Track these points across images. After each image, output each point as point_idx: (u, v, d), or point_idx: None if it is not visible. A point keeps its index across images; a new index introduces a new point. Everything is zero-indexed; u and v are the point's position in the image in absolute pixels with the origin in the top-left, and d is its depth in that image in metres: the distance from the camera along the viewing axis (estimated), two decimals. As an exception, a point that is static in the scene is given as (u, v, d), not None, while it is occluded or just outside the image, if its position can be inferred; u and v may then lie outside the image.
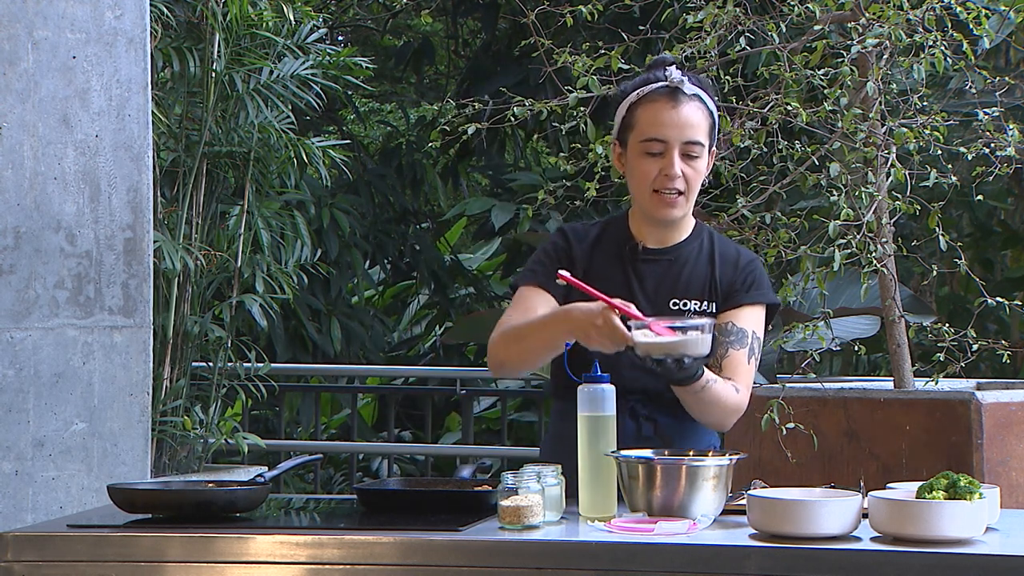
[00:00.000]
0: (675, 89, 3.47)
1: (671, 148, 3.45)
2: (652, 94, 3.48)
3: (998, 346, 5.23)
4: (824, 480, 4.51)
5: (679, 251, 3.53)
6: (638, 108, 3.49)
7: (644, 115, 3.48)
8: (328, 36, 8.36)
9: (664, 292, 3.50)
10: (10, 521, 4.89)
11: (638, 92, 3.50)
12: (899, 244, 5.32)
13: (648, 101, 3.48)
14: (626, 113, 3.52)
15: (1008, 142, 5.17)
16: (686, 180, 3.45)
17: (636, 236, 3.55)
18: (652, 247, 3.53)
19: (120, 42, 5.21)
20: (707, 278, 3.52)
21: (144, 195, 5.26)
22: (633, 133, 3.50)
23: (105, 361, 5.16)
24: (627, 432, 3.39)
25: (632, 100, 3.50)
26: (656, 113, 3.47)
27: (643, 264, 3.52)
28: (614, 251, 3.54)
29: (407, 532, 2.98)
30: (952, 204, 8.72)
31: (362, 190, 10.48)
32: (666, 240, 3.54)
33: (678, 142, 3.45)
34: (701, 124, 3.47)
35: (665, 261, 3.52)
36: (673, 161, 3.44)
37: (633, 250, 3.53)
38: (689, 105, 3.47)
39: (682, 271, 3.52)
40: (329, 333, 9.71)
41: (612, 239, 3.56)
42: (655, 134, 3.46)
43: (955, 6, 5.19)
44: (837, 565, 2.82)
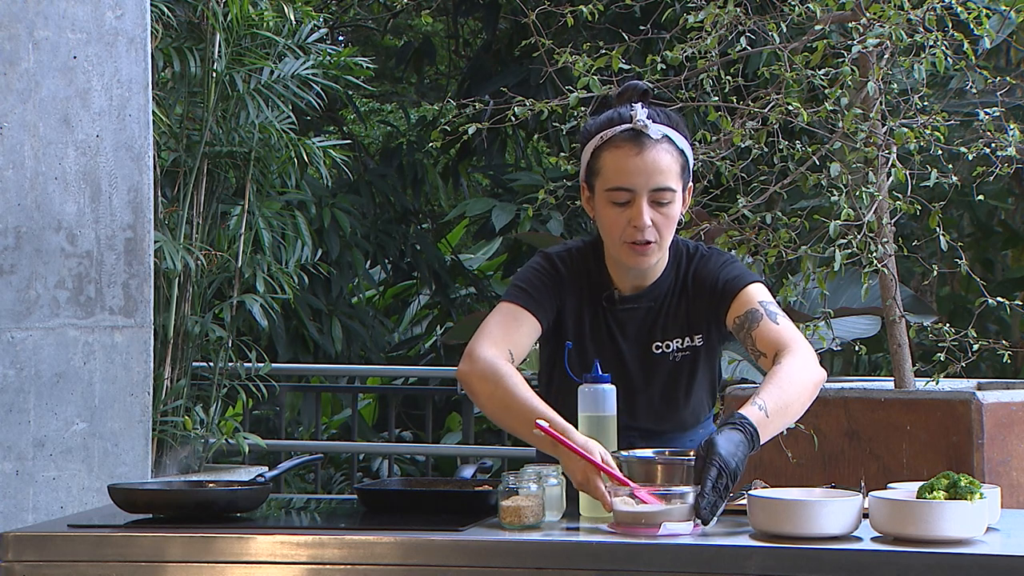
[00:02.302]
0: (639, 133, 3.27)
1: (639, 197, 3.26)
2: (616, 139, 3.29)
3: (999, 346, 5.23)
4: (825, 480, 4.51)
5: (654, 292, 3.40)
6: (603, 153, 3.30)
7: (608, 162, 3.29)
8: (329, 36, 8.36)
9: (644, 338, 3.39)
10: (11, 521, 4.89)
11: (601, 136, 3.30)
12: (900, 244, 5.32)
13: (612, 146, 3.29)
14: (590, 158, 3.33)
15: (1009, 142, 5.17)
16: (656, 228, 3.29)
17: (612, 281, 3.40)
18: (628, 295, 3.40)
19: (121, 42, 5.21)
20: (685, 314, 3.40)
21: (145, 195, 5.26)
22: (599, 180, 3.31)
23: (106, 361, 5.16)
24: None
25: (596, 144, 3.31)
26: (621, 160, 3.27)
27: (622, 312, 3.39)
28: (592, 296, 3.40)
29: (408, 532, 2.98)
30: (953, 204, 8.73)
31: (363, 190, 10.48)
32: (642, 283, 3.40)
33: (645, 190, 3.27)
34: (670, 168, 3.29)
35: (643, 307, 3.39)
36: (641, 211, 3.26)
37: (609, 299, 3.40)
38: (655, 149, 3.28)
39: (659, 313, 3.39)
40: (330, 333, 9.71)
41: (589, 282, 3.40)
42: (620, 183, 3.27)
43: (956, 6, 5.19)
44: (838, 565, 2.82)
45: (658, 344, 3.40)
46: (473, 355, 3.31)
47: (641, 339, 3.40)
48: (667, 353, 3.40)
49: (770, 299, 3.40)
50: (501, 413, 3.27)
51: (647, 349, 3.40)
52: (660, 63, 5.38)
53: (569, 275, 3.40)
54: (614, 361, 3.37)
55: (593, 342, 3.39)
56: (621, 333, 3.40)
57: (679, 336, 3.40)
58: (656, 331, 3.40)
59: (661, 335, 3.40)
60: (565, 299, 3.40)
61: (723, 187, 5.53)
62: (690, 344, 3.41)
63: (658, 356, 3.40)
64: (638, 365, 3.40)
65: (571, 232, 9.62)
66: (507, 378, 3.25)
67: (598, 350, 3.39)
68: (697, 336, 3.41)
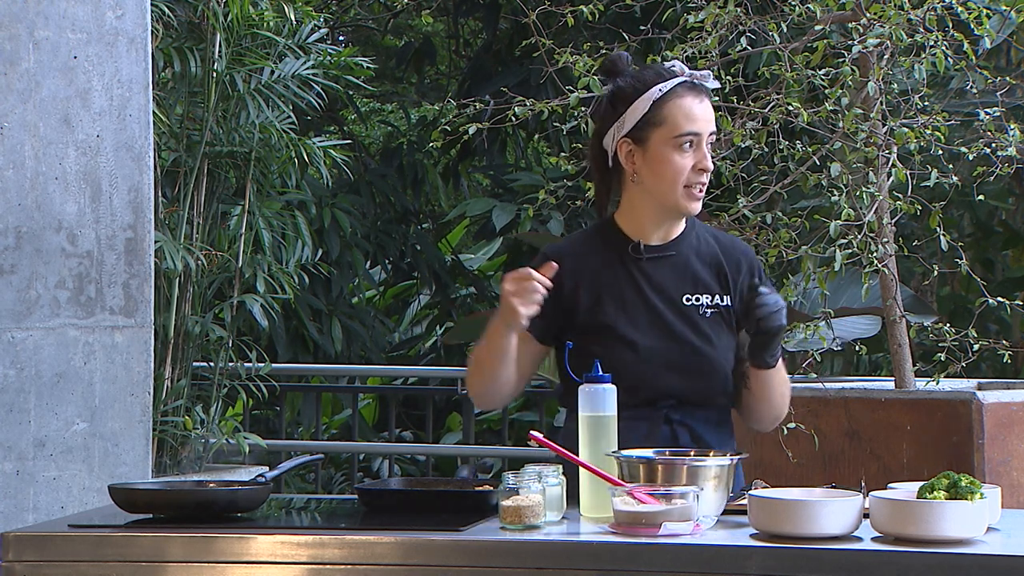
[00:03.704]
0: (698, 84, 3.44)
1: (702, 141, 3.42)
2: (678, 89, 3.42)
3: (999, 346, 5.23)
4: (825, 480, 4.51)
5: (680, 245, 3.48)
6: (665, 104, 3.41)
7: (676, 110, 3.41)
8: (329, 36, 8.35)
9: (674, 289, 3.44)
10: (11, 521, 4.89)
11: (659, 87, 3.42)
12: (900, 244, 5.32)
13: (676, 96, 3.42)
14: (649, 110, 3.41)
15: (1009, 142, 5.17)
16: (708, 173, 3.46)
17: (632, 235, 3.48)
18: (655, 243, 3.47)
19: (121, 42, 5.21)
20: (714, 271, 3.48)
21: (145, 195, 5.26)
22: (662, 129, 3.41)
23: (106, 361, 5.16)
24: (663, 439, 3.37)
25: (655, 96, 3.41)
26: (688, 108, 3.41)
27: (648, 263, 3.45)
28: (612, 255, 3.46)
29: (408, 532, 2.98)
30: (953, 204, 8.73)
31: (363, 190, 10.48)
32: (667, 235, 3.48)
33: (707, 135, 3.43)
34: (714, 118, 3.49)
35: (669, 257, 3.46)
36: (706, 154, 3.42)
37: (635, 249, 3.46)
38: (708, 99, 3.46)
39: (688, 266, 3.46)
40: (330, 333, 9.71)
41: (606, 244, 3.48)
42: (690, 127, 3.40)
43: (956, 6, 5.19)
44: (838, 565, 2.82)
45: (688, 297, 3.45)
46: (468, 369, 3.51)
47: (670, 290, 3.44)
48: (697, 307, 3.44)
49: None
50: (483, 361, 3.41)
51: (678, 300, 3.44)
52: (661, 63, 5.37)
53: (571, 254, 3.46)
54: (643, 310, 3.41)
55: (620, 300, 3.41)
56: (650, 285, 3.44)
57: (708, 293, 3.46)
58: (686, 283, 3.46)
59: (690, 288, 3.46)
60: (588, 283, 3.44)
61: (723, 187, 5.54)
62: (720, 303, 3.46)
63: (687, 307, 3.44)
64: (671, 317, 3.43)
65: (571, 232, 9.63)
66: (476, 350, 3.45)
67: (628, 307, 3.41)
68: (726, 297, 3.47)
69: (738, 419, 3.55)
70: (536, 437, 3.22)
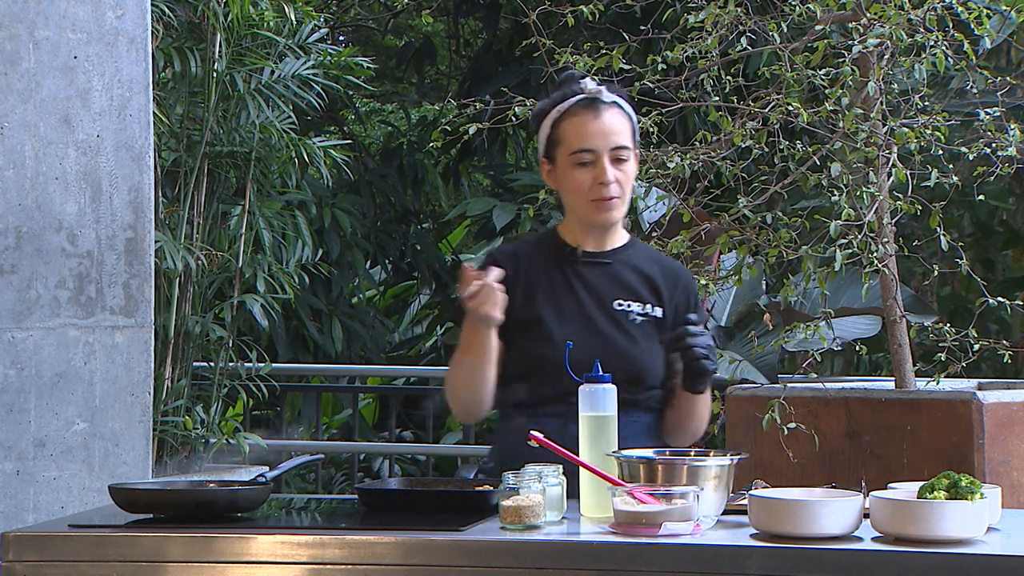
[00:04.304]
0: (594, 99, 3.58)
1: (600, 157, 3.55)
2: (573, 108, 3.58)
3: (999, 346, 5.23)
4: (825, 480, 4.51)
5: (616, 256, 3.64)
6: (562, 123, 3.59)
7: (569, 129, 3.58)
8: (329, 36, 8.35)
9: (607, 293, 3.60)
10: (11, 521, 4.89)
11: (558, 108, 3.60)
12: (900, 244, 5.32)
13: (571, 115, 3.58)
14: (551, 130, 3.61)
15: (1009, 142, 5.17)
16: (619, 184, 3.56)
17: (572, 244, 3.64)
18: (591, 250, 3.63)
19: (121, 42, 5.21)
20: (648, 283, 3.62)
21: (145, 195, 5.26)
22: (561, 148, 3.58)
23: (106, 361, 5.16)
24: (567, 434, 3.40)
25: (555, 117, 3.60)
26: (581, 126, 3.57)
27: (583, 267, 3.61)
28: (552, 259, 3.62)
29: (408, 532, 2.98)
30: (953, 204, 8.72)
31: (363, 190, 10.47)
32: (603, 245, 3.64)
33: (606, 150, 3.55)
34: (624, 129, 3.59)
35: (604, 264, 3.62)
36: (605, 169, 3.54)
37: (572, 254, 3.62)
38: (610, 112, 3.58)
39: (622, 275, 3.62)
40: (330, 333, 9.71)
41: (548, 250, 3.65)
42: (583, 145, 3.56)
43: (956, 6, 5.19)
44: (838, 565, 2.82)
45: (620, 302, 3.60)
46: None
47: (603, 294, 3.59)
48: (626, 312, 3.59)
49: None
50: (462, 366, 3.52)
51: (608, 304, 3.59)
52: (661, 63, 5.38)
53: (519, 257, 3.62)
54: (576, 313, 3.55)
55: (552, 297, 3.57)
56: (583, 287, 3.59)
57: (639, 301, 3.61)
58: (619, 289, 3.60)
59: (622, 294, 3.60)
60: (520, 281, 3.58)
61: (724, 187, 5.54)
62: (649, 312, 3.60)
63: (618, 312, 3.58)
64: (600, 318, 3.57)
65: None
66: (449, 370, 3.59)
67: (559, 303, 3.56)
68: (656, 309, 3.61)
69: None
70: (536, 437, 3.25)
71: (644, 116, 5.38)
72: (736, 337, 6.72)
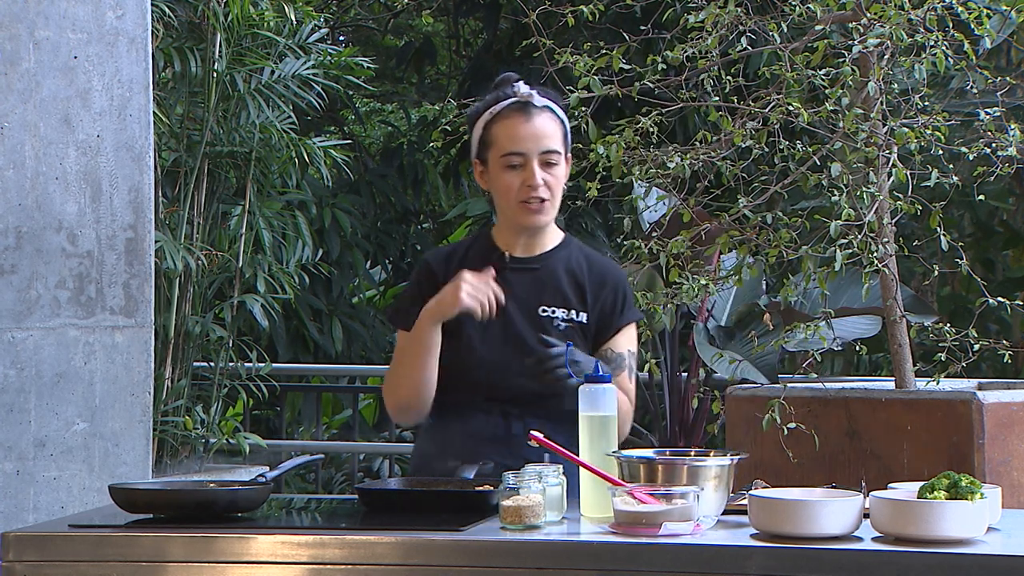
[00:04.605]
0: (526, 103, 3.62)
1: (530, 160, 3.58)
2: (505, 111, 3.62)
3: (999, 346, 5.22)
4: (825, 480, 4.51)
5: (546, 260, 3.67)
6: (494, 126, 3.63)
7: (500, 131, 3.62)
8: (329, 36, 8.36)
9: (532, 300, 3.62)
10: (11, 521, 4.89)
11: (491, 111, 3.64)
12: (900, 244, 5.31)
13: (503, 118, 3.62)
14: (483, 132, 3.65)
15: (1009, 142, 5.16)
16: (548, 187, 3.59)
17: (503, 248, 3.67)
18: (519, 256, 3.66)
19: (121, 42, 5.21)
20: (576, 287, 3.65)
21: (145, 195, 5.26)
22: (492, 150, 3.63)
23: (106, 361, 5.16)
24: (498, 429, 3.55)
25: (487, 119, 3.64)
26: (512, 128, 3.60)
27: (511, 273, 3.64)
28: (481, 264, 3.63)
29: (409, 532, 2.98)
30: (953, 204, 8.72)
31: (363, 190, 10.48)
32: (533, 249, 3.68)
33: (536, 153, 3.59)
34: (555, 133, 3.62)
35: (533, 269, 3.65)
36: (534, 172, 3.58)
37: (500, 259, 3.65)
38: (541, 116, 3.61)
39: (550, 279, 3.64)
40: (330, 333, 9.71)
41: (478, 254, 3.68)
42: (514, 148, 3.59)
43: (956, 6, 5.19)
44: (839, 565, 2.82)
45: (544, 308, 3.62)
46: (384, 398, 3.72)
47: (529, 301, 3.62)
48: (551, 318, 3.61)
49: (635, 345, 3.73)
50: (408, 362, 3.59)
51: (534, 311, 3.61)
52: (661, 63, 5.38)
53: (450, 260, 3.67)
54: (499, 320, 3.57)
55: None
56: (509, 293, 3.60)
57: (565, 307, 3.63)
58: (545, 295, 3.63)
59: (548, 300, 3.63)
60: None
61: (724, 187, 5.53)
62: (574, 318, 3.63)
63: (544, 319, 3.60)
64: (525, 325, 3.60)
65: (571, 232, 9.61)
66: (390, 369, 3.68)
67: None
68: (582, 314, 3.64)
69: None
70: (536, 437, 3.26)
71: (644, 116, 5.38)
72: (736, 337, 6.72)
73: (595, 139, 5.42)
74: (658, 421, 7.32)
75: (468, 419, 3.56)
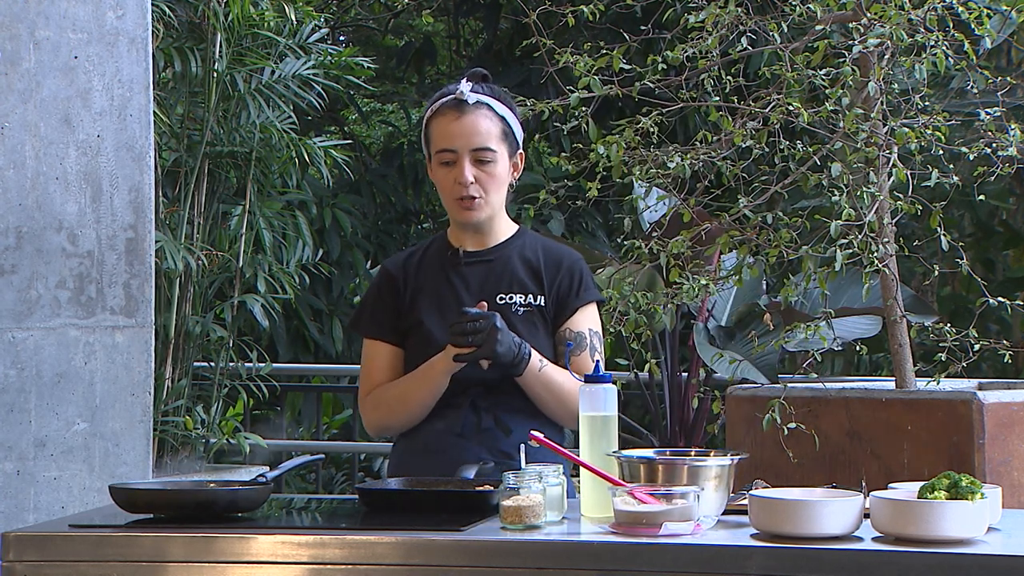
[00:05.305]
0: (460, 100, 3.64)
1: (461, 157, 3.62)
2: (441, 107, 3.66)
3: (1000, 346, 5.22)
4: (826, 480, 4.51)
5: (500, 251, 3.71)
6: (432, 122, 3.67)
7: (435, 128, 3.66)
8: (330, 36, 8.36)
9: (489, 289, 3.65)
10: (12, 521, 4.89)
11: (431, 108, 3.69)
12: (901, 244, 5.31)
13: (438, 115, 3.66)
14: (424, 128, 3.70)
15: (1010, 142, 5.16)
16: (480, 185, 3.63)
17: (455, 244, 3.71)
18: (472, 250, 3.69)
19: (122, 42, 5.21)
20: (532, 273, 3.68)
21: (146, 195, 5.26)
22: (430, 147, 3.68)
23: (107, 361, 5.16)
24: (468, 423, 3.58)
25: (427, 115, 3.69)
26: (444, 125, 3.64)
27: (466, 267, 3.68)
28: (438, 263, 3.70)
29: (409, 532, 2.98)
30: (954, 204, 8.72)
31: (364, 190, 10.48)
32: (485, 242, 3.70)
33: (467, 150, 3.62)
34: (490, 130, 3.64)
35: (487, 261, 3.69)
36: (464, 169, 3.62)
37: (454, 255, 3.69)
38: (474, 114, 3.64)
39: (505, 269, 3.68)
40: (331, 333, 9.71)
41: (434, 253, 3.73)
42: (445, 145, 3.64)
43: (957, 6, 5.19)
44: (839, 565, 2.82)
45: (502, 296, 3.65)
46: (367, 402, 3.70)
47: (486, 291, 3.65)
48: (509, 305, 3.64)
49: (598, 324, 3.72)
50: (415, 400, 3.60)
51: (491, 300, 3.64)
52: (661, 63, 5.38)
53: (407, 264, 3.72)
54: (454, 309, 3.59)
55: (435, 301, 3.64)
56: (465, 286, 3.65)
57: (522, 292, 3.66)
58: (501, 284, 3.66)
59: (505, 288, 3.66)
60: (414, 287, 3.67)
61: (724, 187, 5.53)
62: (532, 303, 3.65)
63: (501, 307, 3.62)
64: None
65: (572, 232, 9.62)
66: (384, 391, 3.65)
67: (442, 305, 3.63)
68: (540, 298, 3.66)
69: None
70: (536, 437, 3.26)
71: (644, 116, 5.38)
72: (736, 337, 6.72)
73: (595, 139, 5.42)
74: (658, 421, 7.32)
75: (439, 415, 3.59)
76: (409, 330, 3.65)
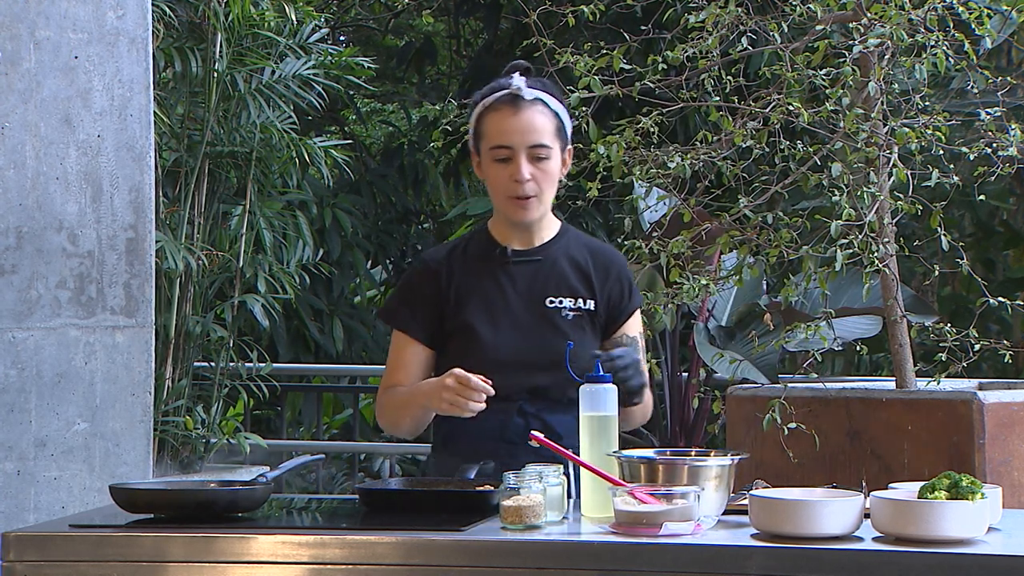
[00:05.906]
0: (516, 96, 3.58)
1: (517, 153, 3.55)
2: (495, 103, 3.59)
3: (1000, 346, 5.22)
4: (826, 480, 4.51)
5: (547, 251, 3.64)
6: (485, 118, 3.60)
7: (490, 124, 3.59)
8: (330, 36, 8.36)
9: (538, 291, 3.60)
10: (12, 521, 4.89)
11: (484, 103, 3.61)
12: (901, 244, 5.31)
13: (492, 110, 3.59)
14: (475, 123, 3.63)
15: (1010, 142, 5.17)
16: (536, 182, 3.56)
17: (501, 241, 3.64)
18: (519, 248, 3.63)
19: (122, 42, 5.21)
20: (581, 276, 3.63)
21: (146, 195, 5.26)
22: (483, 142, 3.61)
23: (107, 361, 5.16)
24: (517, 430, 3.51)
25: (479, 111, 3.62)
26: (500, 121, 3.57)
27: (513, 266, 3.62)
28: (482, 259, 3.63)
29: (409, 532, 2.98)
30: (954, 204, 8.72)
31: (364, 190, 10.48)
32: (531, 241, 3.64)
33: (523, 147, 3.55)
34: (545, 127, 3.57)
35: (535, 262, 3.63)
36: (520, 166, 3.55)
37: (502, 253, 3.63)
38: (531, 110, 3.57)
39: (553, 270, 3.62)
40: (331, 333, 9.71)
41: (477, 249, 3.66)
42: (501, 141, 3.56)
43: (957, 6, 5.19)
44: (839, 565, 2.82)
45: (552, 299, 3.60)
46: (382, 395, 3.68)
47: (534, 292, 3.60)
48: (559, 309, 3.59)
49: (641, 327, 3.73)
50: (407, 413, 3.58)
51: (540, 303, 3.59)
52: (661, 63, 5.38)
53: (448, 259, 3.64)
54: (505, 313, 3.56)
55: (483, 302, 3.58)
56: (513, 286, 3.59)
57: (572, 296, 3.61)
58: (550, 287, 3.60)
59: (554, 291, 3.60)
60: (459, 285, 3.60)
61: (724, 187, 5.53)
62: (582, 307, 3.61)
63: (550, 309, 3.58)
64: (531, 318, 3.57)
65: (572, 232, 9.60)
66: (393, 396, 3.62)
67: (490, 307, 3.57)
68: (590, 302, 3.61)
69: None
70: (537, 437, 3.26)
71: (644, 116, 5.38)
72: (736, 337, 6.72)
73: (596, 139, 5.42)
74: (659, 421, 7.32)
75: (487, 421, 3.47)
76: (454, 332, 3.58)
